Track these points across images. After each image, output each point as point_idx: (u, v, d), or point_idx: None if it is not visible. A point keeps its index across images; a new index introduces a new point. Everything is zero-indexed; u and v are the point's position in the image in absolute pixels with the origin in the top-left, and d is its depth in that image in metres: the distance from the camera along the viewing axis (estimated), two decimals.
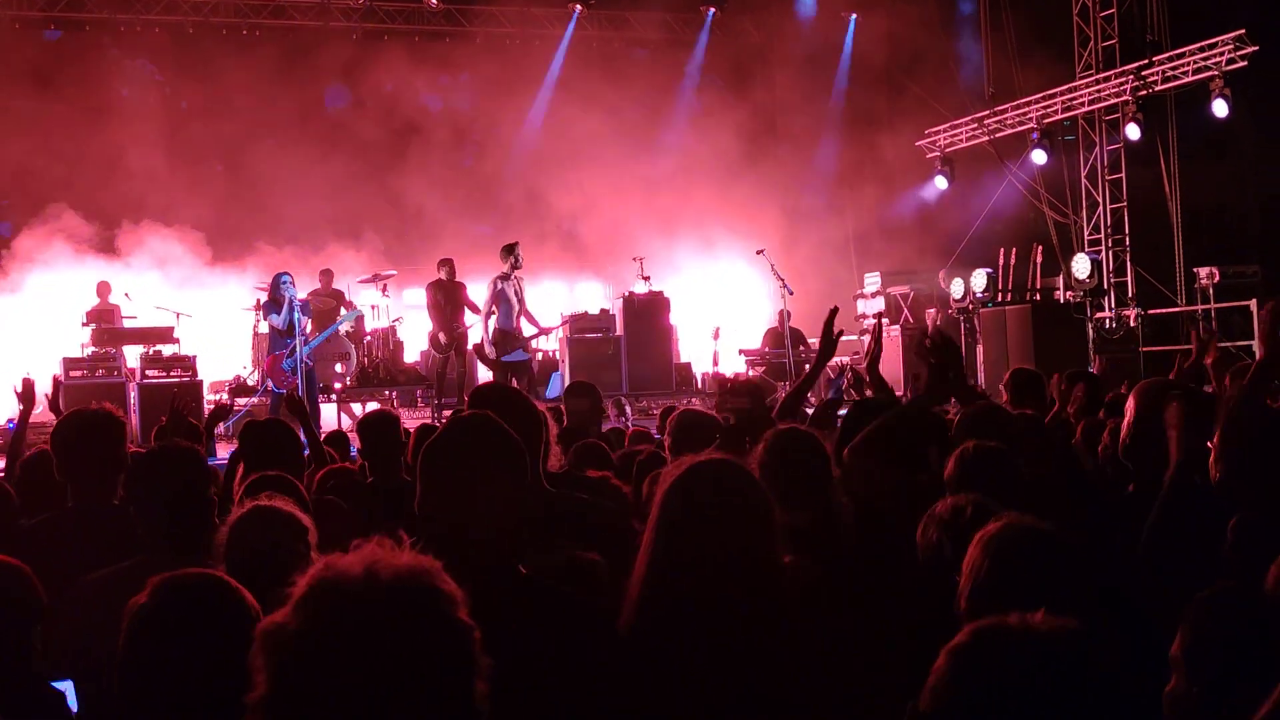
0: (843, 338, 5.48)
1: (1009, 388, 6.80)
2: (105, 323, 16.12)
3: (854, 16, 22.03)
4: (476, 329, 15.51)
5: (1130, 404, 3.87)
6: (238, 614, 2.53)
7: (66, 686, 2.79)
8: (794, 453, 3.82)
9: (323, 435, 8.68)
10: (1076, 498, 3.94)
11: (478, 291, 15.58)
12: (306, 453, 6.43)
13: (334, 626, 1.75)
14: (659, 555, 2.84)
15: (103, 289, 16.81)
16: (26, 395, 6.30)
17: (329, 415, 15.91)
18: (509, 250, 15.15)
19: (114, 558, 3.50)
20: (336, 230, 19.81)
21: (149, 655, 2.49)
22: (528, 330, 15.42)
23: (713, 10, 22.15)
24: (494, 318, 15.03)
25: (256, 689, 1.77)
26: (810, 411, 7.30)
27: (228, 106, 20.04)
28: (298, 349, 13.24)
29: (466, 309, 15.77)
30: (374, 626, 1.74)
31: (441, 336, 15.89)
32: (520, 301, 15.20)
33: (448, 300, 16.07)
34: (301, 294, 14.79)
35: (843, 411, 5.88)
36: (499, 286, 15.05)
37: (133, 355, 15.84)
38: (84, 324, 16.06)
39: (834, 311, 4.80)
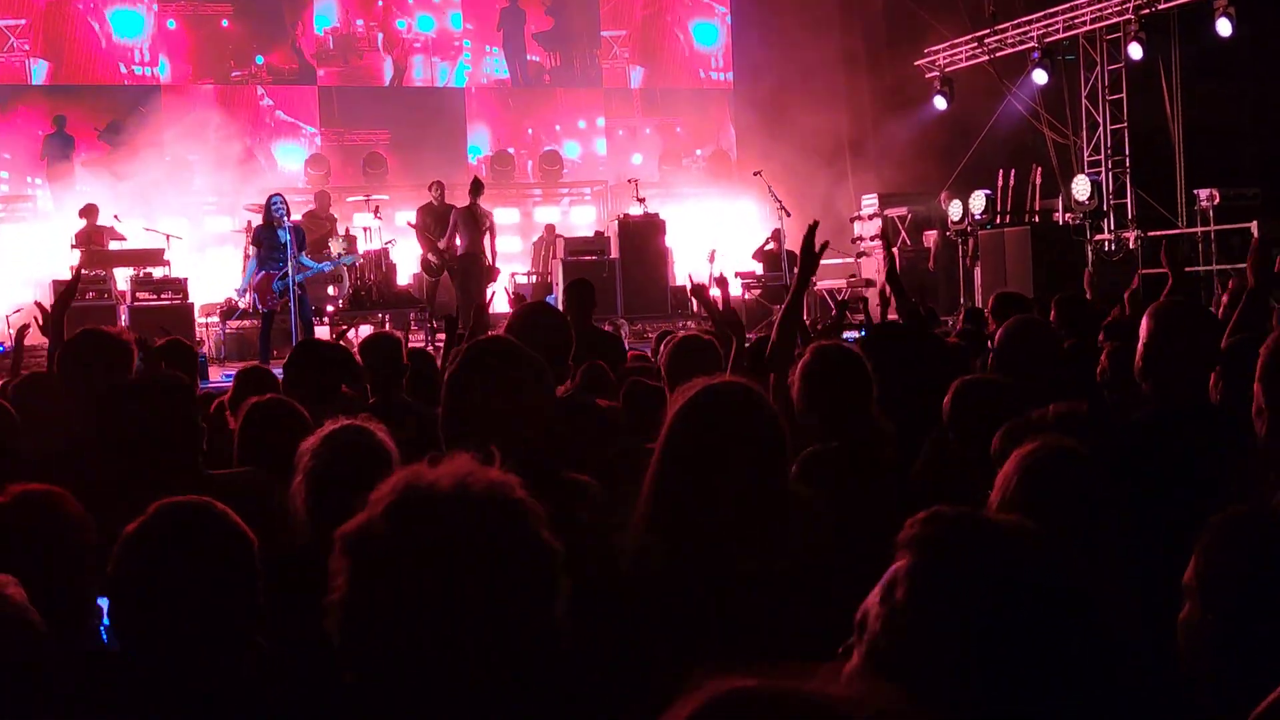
0: (839, 260, 5.41)
1: (994, 312, 6.80)
2: (95, 244, 16.02)
3: None
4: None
5: (1145, 325, 3.85)
6: (234, 544, 2.52)
7: (103, 603, 2.79)
8: (835, 373, 3.79)
9: None
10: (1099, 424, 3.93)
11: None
12: None
13: (426, 536, 1.74)
14: (665, 482, 2.82)
15: (90, 211, 16.62)
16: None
17: (321, 337, 15.87)
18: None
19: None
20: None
21: (139, 582, 2.48)
22: None
23: None
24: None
25: (337, 590, 1.76)
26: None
27: None
28: (290, 274, 13.15)
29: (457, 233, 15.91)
30: (466, 539, 1.74)
31: (431, 258, 16.09)
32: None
33: (436, 223, 16.20)
34: (295, 216, 14.72)
35: (849, 335, 5.88)
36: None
37: (123, 278, 15.78)
38: (72, 246, 15.97)
39: (814, 226, 4.61)
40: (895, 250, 18.21)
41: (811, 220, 4.81)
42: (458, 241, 15.92)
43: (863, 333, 7.13)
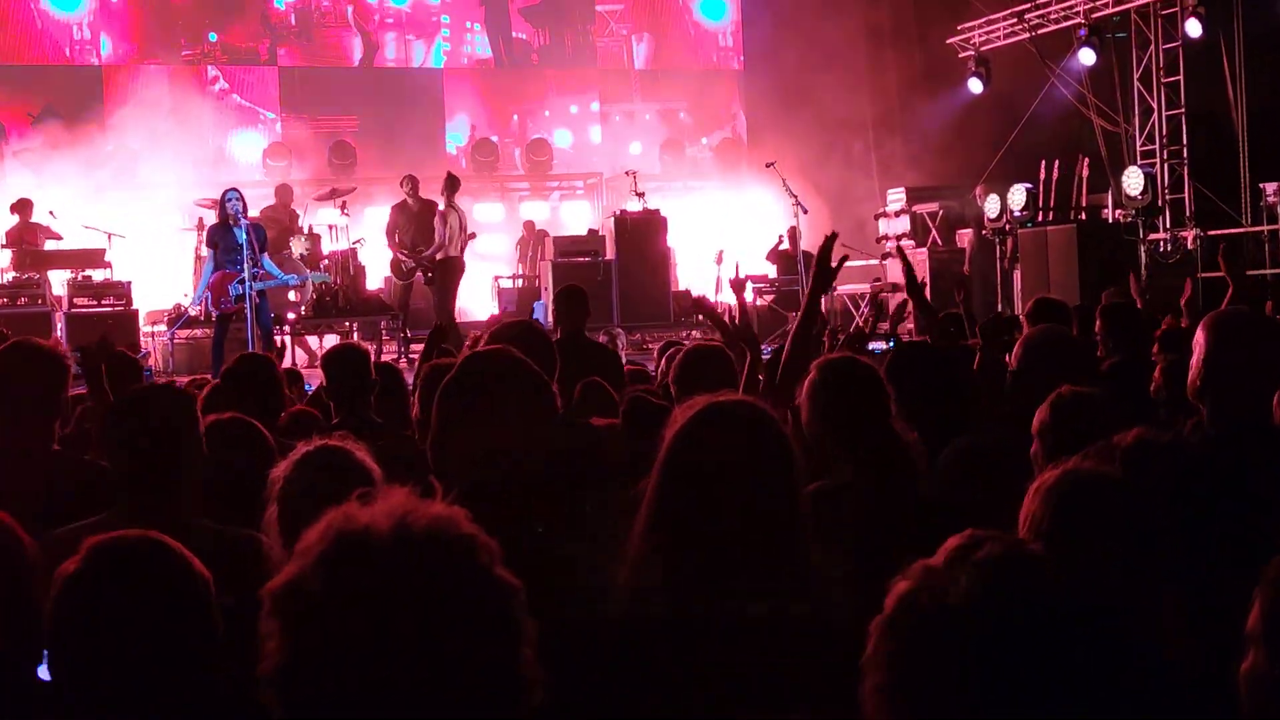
0: (862, 262, 5.45)
1: (1031, 320, 6.81)
2: (28, 244, 16.03)
3: None
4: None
5: (1200, 338, 3.86)
6: (180, 584, 2.53)
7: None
8: (845, 390, 3.81)
9: None
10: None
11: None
12: None
13: (364, 588, 1.72)
14: (664, 512, 2.82)
15: (22, 207, 16.63)
16: None
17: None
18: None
19: (58, 508, 3.49)
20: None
21: (78, 627, 2.48)
22: None
23: None
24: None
25: (269, 658, 1.74)
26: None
27: None
28: (246, 278, 13.14)
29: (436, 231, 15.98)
30: (409, 585, 1.72)
31: (403, 261, 16.19)
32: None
33: (410, 222, 16.28)
34: (253, 213, 14.74)
35: (874, 346, 5.86)
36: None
37: (58, 281, 15.79)
38: (1, 246, 15.98)
39: (832, 237, 4.65)
40: (920, 252, 18.28)
41: (830, 230, 4.87)
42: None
43: (890, 344, 7.14)
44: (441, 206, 16.00)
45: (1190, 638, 2.66)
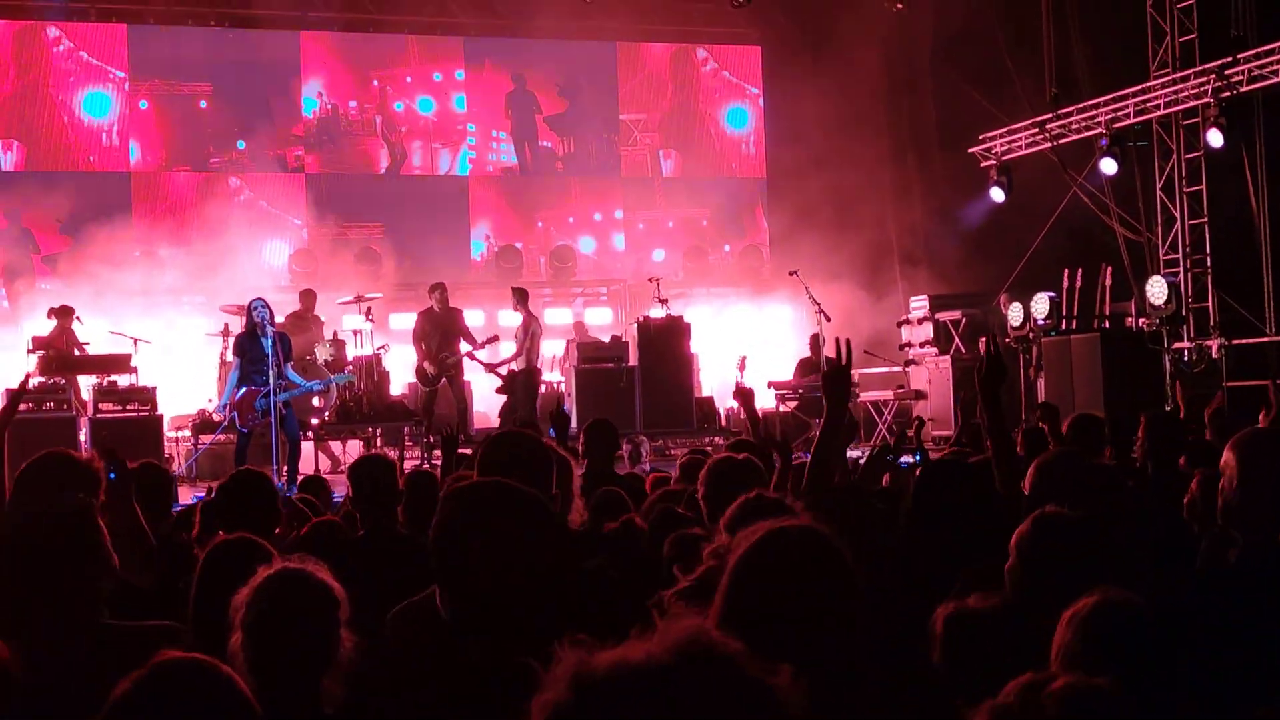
0: (885, 369, 5.44)
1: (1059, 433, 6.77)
2: (55, 349, 16.13)
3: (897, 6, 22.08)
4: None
5: (1229, 458, 3.84)
6: (240, 711, 2.55)
7: None
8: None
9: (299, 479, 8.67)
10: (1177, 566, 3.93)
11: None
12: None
13: None
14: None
15: (63, 313, 16.64)
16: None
17: (305, 454, 15.92)
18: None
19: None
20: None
21: None
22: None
23: None
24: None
25: None
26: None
27: None
28: (272, 389, 13.18)
29: (463, 338, 16.24)
30: None
31: (428, 367, 16.37)
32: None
33: (436, 329, 16.46)
34: (278, 318, 14.82)
35: (905, 460, 5.83)
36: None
37: (86, 386, 15.87)
38: (29, 351, 16.08)
39: (840, 366, 4.56)
40: (943, 360, 18.27)
41: (844, 338, 4.85)
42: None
43: (917, 458, 7.10)
44: (521, 318, 16.53)
45: None
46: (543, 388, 17.68)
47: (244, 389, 13.49)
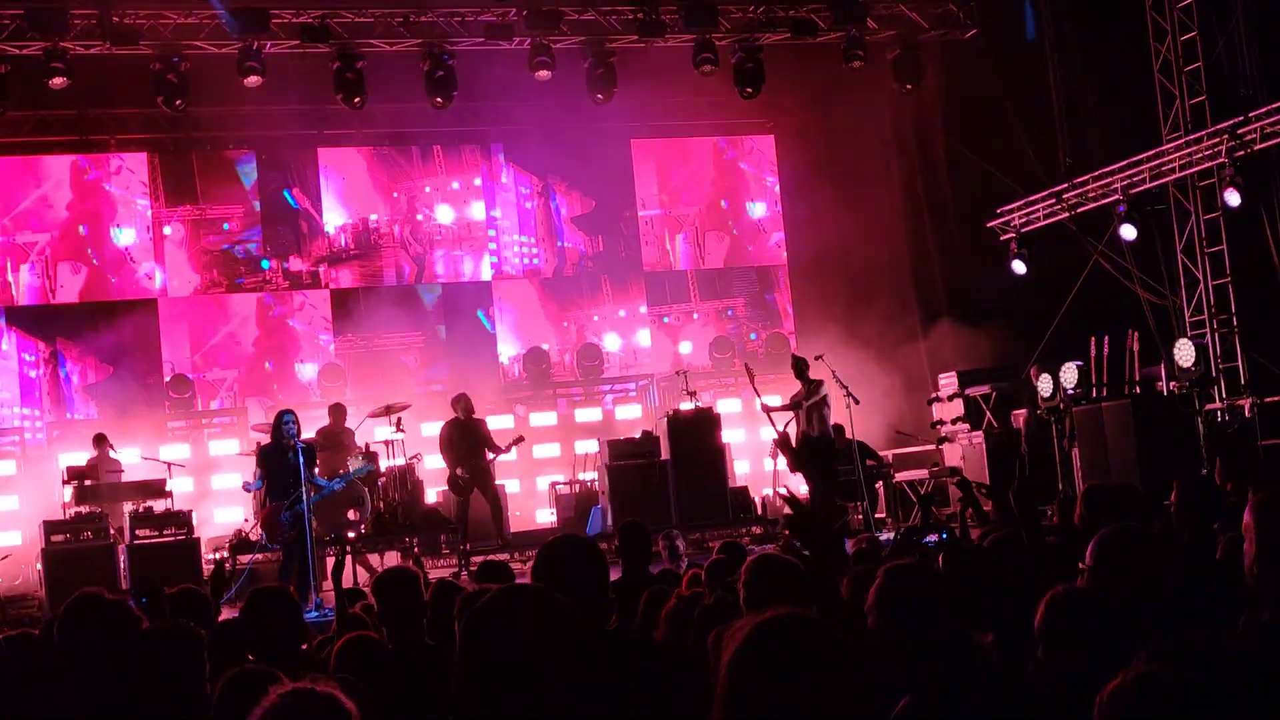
0: (918, 449, 5.44)
1: (1084, 510, 6.68)
2: (90, 477, 16.21)
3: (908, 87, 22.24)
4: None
5: (1248, 521, 3.78)
6: None
7: None
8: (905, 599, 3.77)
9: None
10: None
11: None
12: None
13: None
14: None
15: (100, 441, 16.79)
16: None
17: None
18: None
19: None
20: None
21: None
22: None
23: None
24: None
25: None
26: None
27: None
28: (304, 499, 13.23)
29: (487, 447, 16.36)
30: None
31: (460, 473, 16.40)
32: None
33: (463, 438, 16.53)
34: (309, 433, 14.90)
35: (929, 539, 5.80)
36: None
37: (122, 513, 15.95)
38: (63, 481, 16.16)
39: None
40: (976, 436, 18.17)
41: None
42: None
43: (944, 536, 7.07)
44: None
45: None
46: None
47: (269, 505, 13.56)
